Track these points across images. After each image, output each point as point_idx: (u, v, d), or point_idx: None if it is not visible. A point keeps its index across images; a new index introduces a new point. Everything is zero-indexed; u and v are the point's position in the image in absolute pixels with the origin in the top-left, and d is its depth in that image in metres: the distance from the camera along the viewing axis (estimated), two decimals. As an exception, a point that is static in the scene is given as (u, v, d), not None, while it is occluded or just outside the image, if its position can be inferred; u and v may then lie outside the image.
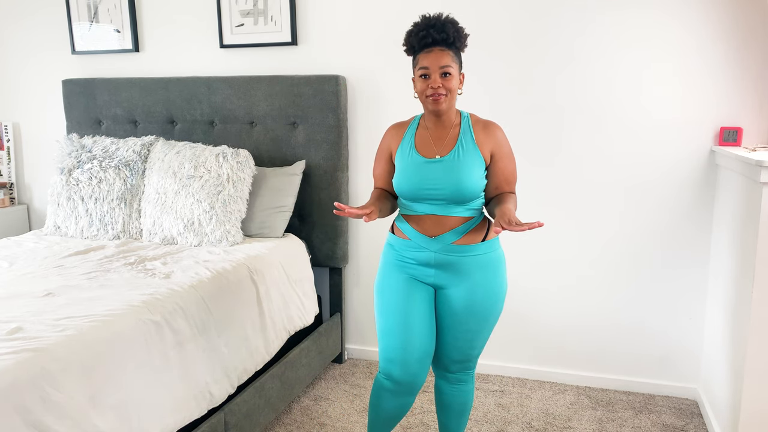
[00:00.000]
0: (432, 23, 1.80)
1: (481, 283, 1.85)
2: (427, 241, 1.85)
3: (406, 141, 1.90)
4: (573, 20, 2.64)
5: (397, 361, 1.89)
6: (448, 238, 1.84)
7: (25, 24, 3.46)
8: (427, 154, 1.85)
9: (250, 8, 3.02)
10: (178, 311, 1.97)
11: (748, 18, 2.45)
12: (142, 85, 3.16)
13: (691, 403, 2.72)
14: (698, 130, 2.58)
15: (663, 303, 2.73)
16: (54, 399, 1.49)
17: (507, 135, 2.83)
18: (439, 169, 1.82)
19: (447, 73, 1.78)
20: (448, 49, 1.80)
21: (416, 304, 1.88)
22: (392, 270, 1.93)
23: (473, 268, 1.85)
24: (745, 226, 2.15)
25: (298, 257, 2.77)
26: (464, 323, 1.88)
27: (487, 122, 1.89)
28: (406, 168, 1.86)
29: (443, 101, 1.80)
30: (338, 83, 2.85)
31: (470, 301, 1.86)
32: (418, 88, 1.82)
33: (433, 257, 1.85)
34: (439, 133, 1.87)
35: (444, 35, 1.79)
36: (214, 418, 2.02)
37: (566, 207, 2.78)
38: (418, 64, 1.81)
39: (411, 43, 1.83)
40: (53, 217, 2.96)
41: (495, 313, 1.90)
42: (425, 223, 1.86)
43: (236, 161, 2.73)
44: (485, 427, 2.52)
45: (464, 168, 1.81)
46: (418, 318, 1.87)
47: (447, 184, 1.80)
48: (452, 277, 1.86)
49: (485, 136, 1.86)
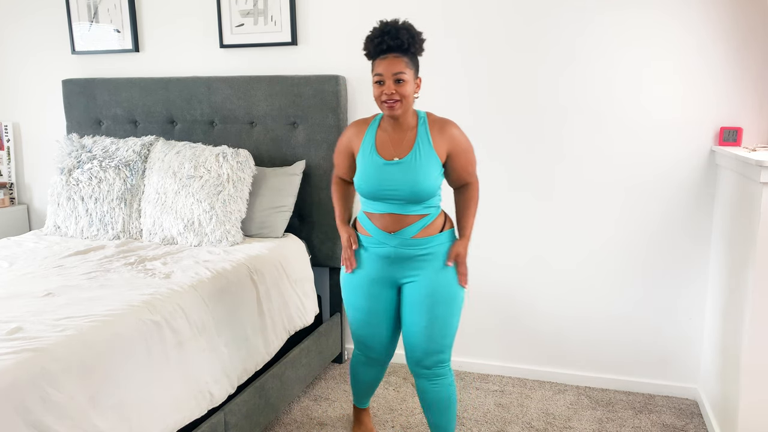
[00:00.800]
0: (387, 30, 1.87)
1: (443, 269, 2.00)
2: (387, 237, 1.98)
3: (367, 142, 2.00)
4: (573, 20, 2.63)
5: (366, 346, 2.18)
6: (407, 233, 1.96)
7: (25, 24, 3.46)
8: (386, 156, 1.96)
9: (250, 8, 3.02)
10: (178, 311, 1.97)
11: (748, 18, 2.45)
12: (142, 85, 3.16)
13: (691, 403, 2.72)
14: (698, 130, 2.58)
15: (663, 303, 2.73)
16: (54, 399, 1.49)
17: (507, 135, 2.85)
18: (397, 171, 1.93)
19: (401, 79, 1.86)
20: (403, 56, 1.88)
21: (379, 302, 2.07)
22: (357, 266, 2.09)
23: (432, 259, 1.99)
24: (745, 226, 2.15)
25: (298, 257, 2.77)
26: (432, 310, 2.00)
27: (443, 121, 1.98)
28: (367, 169, 1.97)
29: (398, 107, 1.89)
30: (338, 83, 2.85)
31: (433, 289, 1.99)
32: (374, 93, 1.91)
33: (393, 252, 1.99)
34: (398, 136, 1.97)
35: (398, 41, 1.86)
36: (214, 418, 2.03)
37: (566, 207, 2.78)
38: (374, 70, 1.91)
39: (368, 49, 1.92)
40: (53, 217, 2.96)
41: (458, 300, 2.04)
42: (385, 220, 1.98)
43: (236, 161, 2.73)
44: (485, 427, 2.52)
45: (421, 170, 1.92)
46: (383, 314, 2.09)
47: (405, 185, 1.92)
48: (412, 269, 2.00)
49: (441, 137, 1.96)
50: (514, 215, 2.85)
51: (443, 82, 2.83)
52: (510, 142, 2.79)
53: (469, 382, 2.92)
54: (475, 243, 2.92)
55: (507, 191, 2.84)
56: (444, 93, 2.83)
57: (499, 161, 2.82)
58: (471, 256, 2.92)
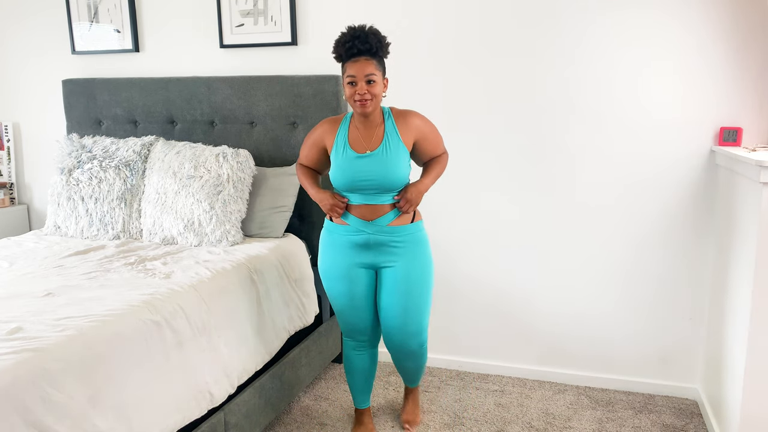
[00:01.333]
0: (357, 35, 2.03)
1: (416, 256, 2.21)
2: (365, 225, 2.17)
3: (340, 138, 2.17)
4: (574, 21, 2.63)
5: (354, 331, 2.34)
6: (383, 221, 2.16)
7: (25, 24, 3.46)
8: (358, 150, 2.14)
9: (250, 8, 3.02)
10: (178, 311, 1.97)
11: (748, 18, 2.45)
12: (142, 85, 3.16)
13: (691, 403, 2.72)
14: (698, 130, 2.58)
15: (663, 303, 2.73)
16: (54, 399, 1.49)
17: (507, 135, 2.85)
18: (369, 163, 2.12)
19: (371, 80, 2.04)
20: (372, 58, 2.05)
21: (359, 285, 2.24)
22: (335, 255, 2.24)
23: (406, 246, 2.19)
24: (745, 226, 2.15)
25: (298, 257, 2.77)
26: (409, 292, 2.21)
27: (405, 113, 2.19)
28: (342, 163, 2.14)
29: (369, 105, 2.07)
30: (338, 83, 2.85)
31: (408, 273, 2.20)
32: (347, 93, 2.08)
33: (371, 238, 2.18)
34: (368, 131, 2.16)
35: (368, 45, 2.03)
36: (214, 418, 2.03)
37: (566, 207, 2.78)
38: (346, 72, 2.06)
39: (339, 52, 2.08)
40: (53, 217, 2.96)
41: (430, 283, 2.28)
42: (362, 209, 2.17)
43: (236, 161, 2.73)
44: (485, 427, 2.52)
45: (391, 160, 2.12)
46: (364, 297, 2.26)
47: (377, 175, 2.11)
48: (388, 255, 2.20)
49: (406, 128, 2.16)
50: (513, 215, 2.85)
51: (443, 83, 2.83)
52: (510, 143, 2.79)
53: (469, 382, 2.92)
54: (475, 243, 2.93)
55: (506, 191, 2.84)
56: (444, 93, 2.83)
57: (499, 161, 2.82)
58: (471, 255, 2.93)
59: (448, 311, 3.02)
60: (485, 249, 2.92)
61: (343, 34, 2.06)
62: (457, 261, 2.93)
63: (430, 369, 3.05)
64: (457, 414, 2.62)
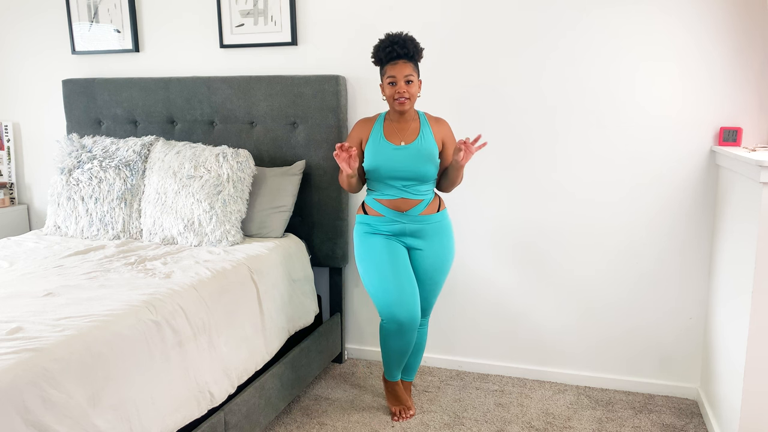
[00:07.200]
0: (396, 40, 2.27)
1: (441, 242, 2.43)
2: (399, 215, 2.37)
3: (376, 132, 2.38)
4: (574, 21, 2.64)
5: (396, 303, 2.32)
6: (415, 211, 2.37)
7: (25, 24, 3.46)
8: (395, 142, 2.35)
9: (250, 8, 3.02)
10: (178, 311, 1.97)
11: (748, 18, 2.45)
12: (142, 85, 3.16)
13: (691, 403, 2.72)
14: (698, 130, 2.58)
15: (663, 303, 2.73)
16: (54, 399, 1.49)
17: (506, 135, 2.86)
18: (405, 154, 2.33)
19: (409, 80, 2.28)
20: (409, 62, 2.28)
21: (399, 257, 2.37)
22: (370, 238, 2.40)
23: (434, 232, 2.41)
24: (745, 226, 2.15)
25: (298, 257, 2.77)
26: (432, 276, 2.44)
27: (438, 118, 2.45)
28: (378, 153, 2.34)
29: (407, 103, 2.31)
30: (338, 83, 2.85)
31: (434, 258, 2.42)
32: (386, 93, 2.30)
33: (405, 227, 2.38)
34: (403, 126, 2.38)
35: (405, 50, 2.26)
36: (214, 418, 2.03)
37: (566, 207, 2.78)
38: (386, 73, 2.29)
39: (379, 56, 2.30)
40: (53, 217, 2.96)
41: (449, 267, 2.50)
42: (397, 202, 2.37)
43: (236, 161, 2.73)
44: (485, 426, 2.52)
45: (425, 151, 2.33)
46: (403, 266, 2.36)
47: (412, 166, 2.31)
48: (420, 240, 2.40)
49: (438, 129, 2.41)
50: (513, 215, 2.85)
51: (443, 82, 2.83)
52: (509, 143, 2.79)
53: (469, 381, 2.92)
54: (474, 243, 2.93)
55: (506, 192, 2.84)
56: (443, 93, 2.83)
57: (498, 161, 2.82)
58: (470, 255, 2.93)
59: (448, 311, 3.02)
60: (485, 249, 2.92)
61: (382, 40, 2.29)
62: (458, 261, 2.93)
63: (430, 369, 3.05)
64: (457, 414, 2.62)
